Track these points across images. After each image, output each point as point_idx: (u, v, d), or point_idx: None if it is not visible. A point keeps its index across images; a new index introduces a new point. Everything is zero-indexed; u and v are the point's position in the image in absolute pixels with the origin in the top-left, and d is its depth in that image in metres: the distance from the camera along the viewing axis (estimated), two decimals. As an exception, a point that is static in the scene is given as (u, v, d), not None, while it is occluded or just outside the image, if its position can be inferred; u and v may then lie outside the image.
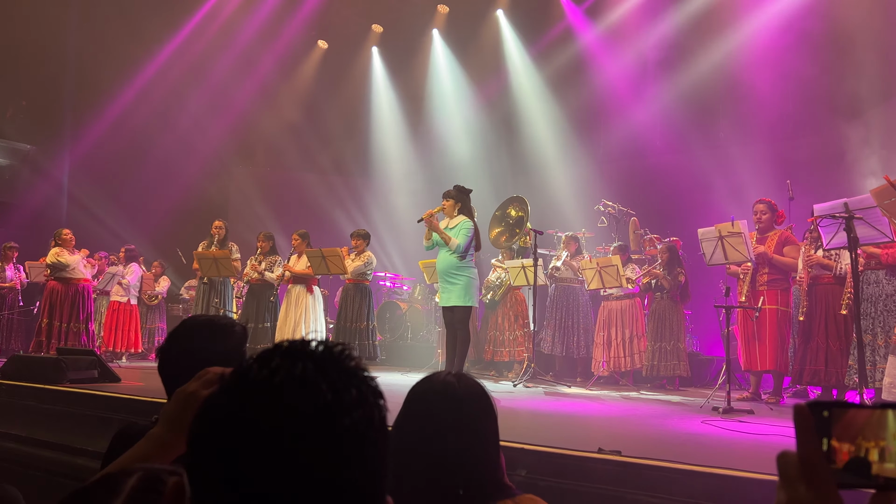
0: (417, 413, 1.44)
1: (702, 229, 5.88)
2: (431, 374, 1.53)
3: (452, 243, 6.08)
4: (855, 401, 0.70)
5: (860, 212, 4.54)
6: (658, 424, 4.61)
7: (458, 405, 1.44)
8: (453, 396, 1.45)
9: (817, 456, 0.62)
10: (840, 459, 0.62)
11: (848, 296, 5.27)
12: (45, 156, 12.10)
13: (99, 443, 4.32)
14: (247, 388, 0.66)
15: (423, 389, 1.48)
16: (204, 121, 12.05)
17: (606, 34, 10.84)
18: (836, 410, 0.63)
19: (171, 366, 1.65)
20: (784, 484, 0.63)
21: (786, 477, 0.63)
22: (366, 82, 13.24)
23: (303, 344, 0.70)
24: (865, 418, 0.63)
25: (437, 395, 1.46)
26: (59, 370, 5.92)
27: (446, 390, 1.46)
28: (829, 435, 0.63)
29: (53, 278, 8.45)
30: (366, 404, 0.67)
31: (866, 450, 0.62)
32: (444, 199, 6.35)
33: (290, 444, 0.62)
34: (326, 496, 0.63)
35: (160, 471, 0.78)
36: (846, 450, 0.62)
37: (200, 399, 1.02)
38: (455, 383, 1.47)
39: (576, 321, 7.95)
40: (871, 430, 0.62)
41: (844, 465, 0.62)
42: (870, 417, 0.63)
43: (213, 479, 0.63)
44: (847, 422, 0.63)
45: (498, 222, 7.95)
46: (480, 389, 1.50)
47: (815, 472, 0.61)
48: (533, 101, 11.56)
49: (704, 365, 7.85)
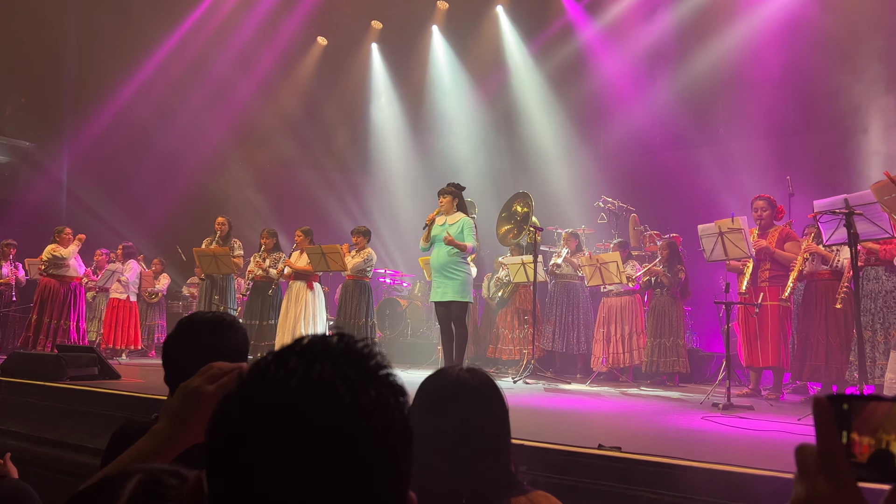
0: (430, 408, 1.42)
1: (702, 225, 5.87)
2: (443, 368, 1.51)
3: (468, 247, 6.29)
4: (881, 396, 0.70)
5: (860, 208, 4.53)
6: (658, 421, 4.61)
7: (472, 400, 1.42)
8: (467, 391, 1.43)
9: (837, 449, 0.61)
10: (860, 452, 0.62)
11: (844, 290, 5.29)
12: (45, 153, 12.09)
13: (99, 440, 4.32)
14: (262, 391, 0.64)
15: (435, 385, 1.46)
16: (204, 117, 12.04)
17: (606, 30, 10.83)
18: (855, 403, 0.63)
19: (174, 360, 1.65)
20: (802, 477, 0.62)
21: (804, 470, 0.62)
22: (365, 79, 13.23)
23: (323, 341, 0.67)
24: (886, 411, 0.62)
25: (450, 391, 1.44)
26: (59, 367, 5.92)
27: (460, 385, 1.44)
28: (850, 428, 0.62)
29: (47, 275, 8.50)
30: (386, 407, 0.65)
31: (887, 442, 0.61)
32: (441, 197, 6.41)
33: (304, 449, 0.61)
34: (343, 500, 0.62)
35: (160, 472, 0.78)
36: (866, 443, 0.62)
37: (204, 394, 1.02)
38: (468, 378, 1.45)
39: (576, 317, 7.95)
40: (892, 422, 0.62)
41: (868, 459, 0.62)
42: (890, 410, 0.62)
43: (230, 482, 0.62)
44: (867, 415, 0.62)
45: (506, 221, 8.01)
46: (493, 384, 1.48)
47: (834, 466, 0.61)
48: (533, 98, 11.55)
49: (704, 361, 7.86)
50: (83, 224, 10.67)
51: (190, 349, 1.63)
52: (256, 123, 12.69)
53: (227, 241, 8.37)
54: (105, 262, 9.64)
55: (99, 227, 11.17)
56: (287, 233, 10.08)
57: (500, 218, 8.05)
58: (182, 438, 1.02)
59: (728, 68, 9.31)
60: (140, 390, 5.33)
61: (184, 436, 1.02)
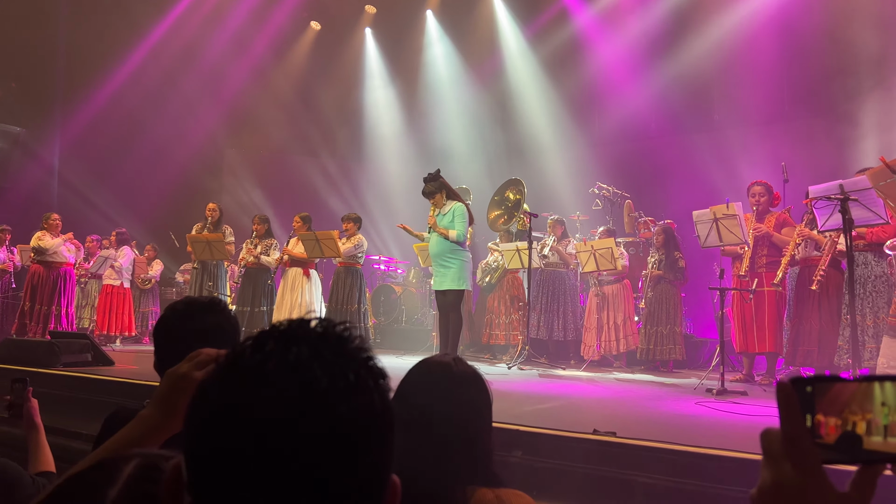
0: (412, 394, 1.43)
1: (697, 211, 5.87)
2: (427, 357, 1.52)
3: (452, 234, 6.20)
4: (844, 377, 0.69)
5: (855, 193, 4.53)
6: (652, 406, 4.63)
7: (453, 387, 1.43)
8: (449, 379, 1.44)
9: (801, 433, 0.61)
10: (827, 434, 0.61)
11: (821, 274, 5.33)
12: (36, 139, 12.00)
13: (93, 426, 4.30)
14: (238, 374, 0.63)
15: (419, 372, 1.48)
16: (196, 103, 11.96)
17: (602, 16, 10.78)
18: (819, 385, 0.62)
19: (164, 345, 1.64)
20: (768, 462, 0.62)
21: (770, 455, 0.62)
22: (359, 64, 13.14)
23: (301, 325, 0.67)
24: (851, 392, 0.62)
25: (432, 378, 1.45)
26: (52, 354, 5.91)
27: (442, 372, 1.45)
28: (814, 411, 0.62)
29: (36, 262, 8.53)
30: (365, 390, 0.64)
31: (853, 423, 0.61)
32: (430, 198, 6.39)
33: (281, 433, 0.60)
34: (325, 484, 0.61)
35: (158, 457, 0.77)
36: (833, 423, 0.61)
37: (192, 380, 1.01)
38: (451, 365, 1.47)
39: (561, 305, 7.92)
40: (858, 403, 0.61)
41: (835, 441, 0.61)
42: (856, 391, 0.62)
43: (208, 466, 0.62)
44: (832, 396, 0.62)
45: (497, 206, 8.00)
46: (475, 373, 1.49)
47: (799, 450, 0.60)
48: (528, 83, 11.50)
49: (698, 347, 7.88)
50: (75, 210, 10.63)
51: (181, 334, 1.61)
52: (249, 109, 12.61)
53: (217, 228, 8.35)
54: (97, 249, 9.60)
55: (91, 213, 11.12)
56: (280, 219, 10.03)
57: (492, 202, 8.04)
58: (170, 424, 1.02)
59: (723, 54, 9.28)
60: (134, 377, 5.32)
61: (171, 422, 1.02)
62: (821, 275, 5.36)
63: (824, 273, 5.38)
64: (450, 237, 6.23)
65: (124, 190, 11.62)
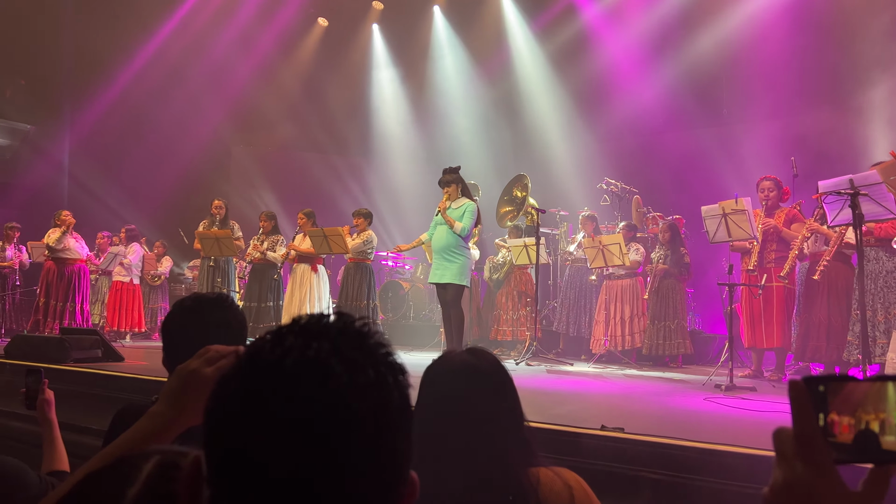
0: (438, 395, 1.38)
1: (705, 207, 5.84)
2: (444, 353, 1.48)
3: (457, 227, 6.23)
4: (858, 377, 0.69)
5: (866, 188, 4.50)
6: (660, 402, 4.62)
7: (481, 381, 1.39)
8: (475, 373, 1.40)
9: (814, 432, 0.61)
10: (840, 433, 0.61)
11: (824, 264, 5.32)
12: (45, 136, 12.06)
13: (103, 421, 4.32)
14: (258, 369, 0.63)
15: (440, 370, 1.42)
16: (204, 99, 11.98)
17: (609, 10, 10.73)
18: (832, 385, 0.62)
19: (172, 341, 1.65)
20: (780, 461, 0.62)
21: (782, 454, 0.62)
22: (366, 60, 13.13)
23: (320, 320, 0.67)
24: (864, 391, 0.62)
25: (457, 375, 1.40)
26: (62, 349, 5.94)
27: (467, 368, 1.40)
28: (827, 410, 0.62)
29: (50, 258, 8.68)
30: (384, 386, 0.65)
31: (866, 423, 0.61)
32: (444, 188, 6.44)
33: (301, 429, 0.60)
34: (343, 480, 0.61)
35: (177, 454, 0.76)
36: (846, 423, 0.61)
37: (201, 377, 1.02)
38: (474, 360, 1.42)
39: (588, 301, 7.96)
40: (871, 402, 0.61)
41: (853, 440, 0.61)
42: (869, 390, 0.62)
43: (228, 461, 0.62)
44: (845, 395, 0.62)
45: (506, 203, 8.01)
46: (497, 361, 1.45)
47: (811, 449, 0.60)
48: (535, 78, 11.47)
49: (706, 342, 7.86)
50: (85, 207, 10.68)
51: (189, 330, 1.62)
52: (257, 106, 12.63)
53: (225, 224, 8.38)
54: (107, 245, 9.65)
55: (100, 210, 11.17)
56: (288, 215, 10.04)
57: (502, 200, 8.09)
58: (180, 420, 1.02)
59: (732, 48, 9.22)
60: (144, 372, 5.35)
61: (182, 418, 1.02)
62: (824, 265, 5.32)
63: (827, 263, 5.35)
64: (454, 228, 6.27)
65: (133, 186, 11.67)
